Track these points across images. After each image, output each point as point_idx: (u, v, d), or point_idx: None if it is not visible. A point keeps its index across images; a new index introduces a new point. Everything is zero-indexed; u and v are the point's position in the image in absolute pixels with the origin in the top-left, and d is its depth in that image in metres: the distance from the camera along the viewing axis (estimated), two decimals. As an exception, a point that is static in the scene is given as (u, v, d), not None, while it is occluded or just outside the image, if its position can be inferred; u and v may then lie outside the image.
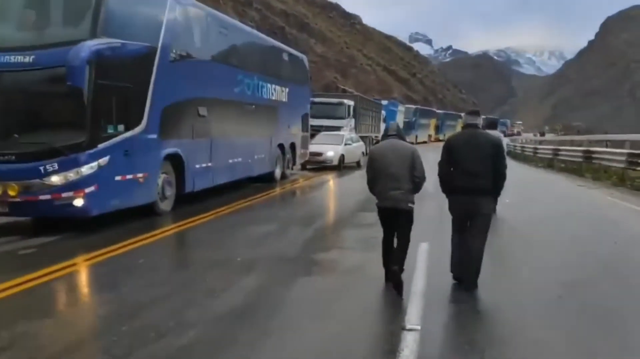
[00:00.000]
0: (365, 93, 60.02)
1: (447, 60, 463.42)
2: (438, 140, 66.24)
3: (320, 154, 21.67)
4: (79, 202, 8.26)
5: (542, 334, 4.52)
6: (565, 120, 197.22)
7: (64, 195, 8.17)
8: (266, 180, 16.26)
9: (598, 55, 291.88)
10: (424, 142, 58.26)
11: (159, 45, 9.81)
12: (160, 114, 9.87)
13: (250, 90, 14.39)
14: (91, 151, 8.27)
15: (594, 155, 20.59)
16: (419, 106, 63.21)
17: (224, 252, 7.50)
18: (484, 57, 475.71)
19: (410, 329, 4.37)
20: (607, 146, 24.94)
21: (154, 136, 9.76)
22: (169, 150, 10.30)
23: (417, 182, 5.58)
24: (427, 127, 61.75)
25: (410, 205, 5.59)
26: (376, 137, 41.35)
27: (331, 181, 18.79)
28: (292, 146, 18.47)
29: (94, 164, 8.32)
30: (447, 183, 5.74)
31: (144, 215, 9.72)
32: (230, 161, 13.22)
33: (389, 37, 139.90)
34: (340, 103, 29.11)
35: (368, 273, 6.17)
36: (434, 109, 71.12)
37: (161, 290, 5.66)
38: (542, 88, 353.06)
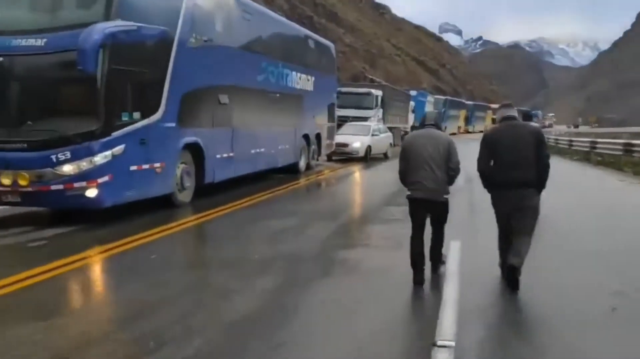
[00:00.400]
0: (394, 83, 59.01)
1: (478, 50, 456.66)
2: (467, 131, 65.07)
3: (346, 145, 21.12)
4: (92, 193, 7.90)
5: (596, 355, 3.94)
6: (599, 112, 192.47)
7: (76, 185, 7.81)
8: (290, 171, 15.82)
9: (634, 45, 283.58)
10: (453, 134, 57.12)
11: (178, 29, 9.38)
12: (179, 101, 9.45)
13: (275, 78, 13.91)
14: (105, 139, 7.89)
15: (634, 149, 19.59)
16: (448, 97, 61.95)
17: (241, 249, 7.05)
18: (515, 47, 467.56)
19: (442, 346, 3.82)
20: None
21: (172, 124, 9.35)
22: (188, 139, 9.89)
23: (452, 175, 5.37)
24: (456, 118, 60.58)
25: (445, 196, 5.39)
26: (405, 128, 40.66)
27: (357, 173, 18.25)
28: (318, 136, 17.97)
29: (108, 153, 7.94)
30: (489, 179, 5.45)
31: (162, 207, 9.35)
32: (253, 151, 12.77)
33: (418, 28, 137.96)
34: (368, 93, 28.43)
35: (395, 275, 5.64)
36: (464, 100, 69.75)
37: (170, 290, 5.23)
38: (575, 79, 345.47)
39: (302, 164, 16.58)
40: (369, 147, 21.57)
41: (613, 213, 10.31)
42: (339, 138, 21.39)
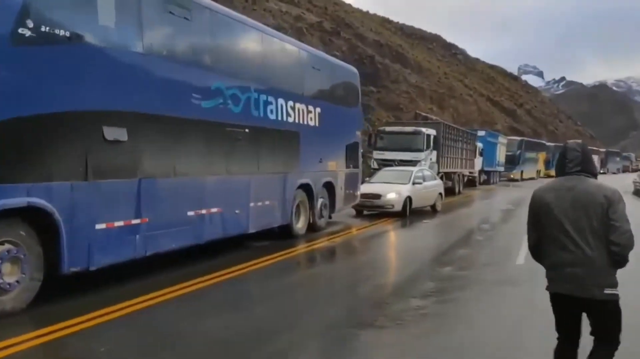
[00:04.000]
0: (465, 124, 53.86)
1: (560, 91, 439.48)
2: (549, 176, 58.38)
3: (377, 196, 16.48)
4: None
5: None
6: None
7: None
8: (281, 235, 11.49)
9: None
10: (531, 179, 50.93)
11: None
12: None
13: (240, 106, 9.70)
14: None
15: None
16: (524, 138, 55.73)
17: None
18: (601, 87, 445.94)
19: None
20: None
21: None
22: (17, 201, 5.76)
23: (616, 252, 3.37)
24: (535, 161, 54.19)
25: (608, 291, 3.40)
26: (472, 173, 35.36)
27: (391, 234, 13.71)
28: (329, 186, 13.52)
29: None
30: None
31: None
32: (192, 213, 8.49)
33: (493, 67, 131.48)
34: (417, 133, 23.71)
35: None
36: (544, 141, 62.97)
37: None
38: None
39: (299, 225, 12.14)
40: (409, 199, 16.79)
41: None
42: (368, 188, 16.84)
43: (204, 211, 8.72)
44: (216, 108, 9.00)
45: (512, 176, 47.37)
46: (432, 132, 24.36)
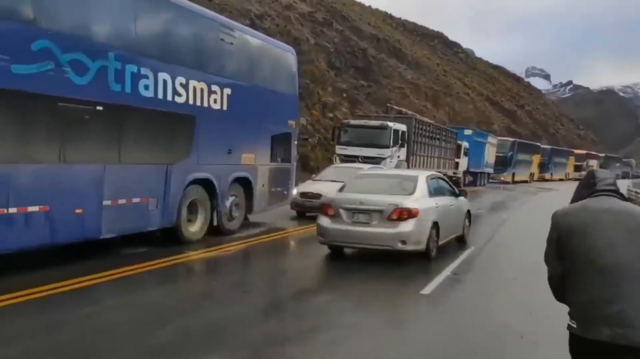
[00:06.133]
0: (459, 123, 51.59)
1: (566, 95, 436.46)
2: (544, 179, 56.15)
3: (318, 196, 14.31)
4: None
5: None
6: None
7: None
8: (168, 240, 9.44)
9: None
10: (525, 182, 48.73)
11: None
12: None
13: (89, 76, 7.56)
14: None
15: None
16: (517, 139, 53.48)
17: None
18: (608, 92, 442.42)
19: None
20: None
21: None
22: None
23: None
24: (527, 164, 51.92)
25: None
26: (455, 174, 33.27)
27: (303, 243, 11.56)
28: (244, 183, 11.42)
29: None
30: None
31: None
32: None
33: (496, 67, 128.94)
34: (383, 127, 21.45)
35: None
36: (538, 144, 60.61)
37: None
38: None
39: (193, 229, 10.05)
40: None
41: None
42: (309, 186, 14.74)
43: (13, 211, 6.61)
44: (41, 76, 6.87)
45: (502, 178, 45.19)
46: (401, 127, 22.13)
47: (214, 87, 10.18)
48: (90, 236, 7.90)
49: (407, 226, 8.62)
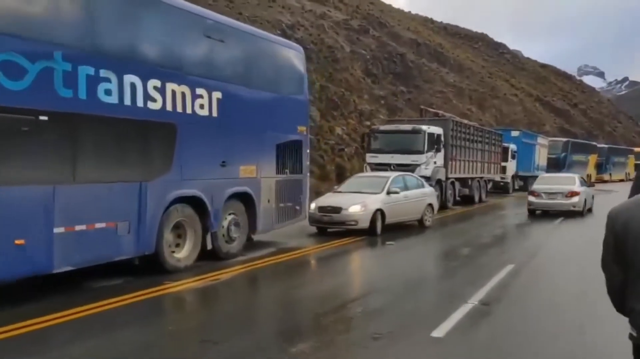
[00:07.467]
0: (508, 126, 48.97)
1: (622, 92, 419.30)
2: (602, 180, 52.52)
3: (337, 210, 12.82)
4: None
5: None
6: None
7: None
8: (148, 269, 8.14)
9: None
10: (580, 184, 45.56)
11: None
12: None
13: (27, 80, 6.34)
14: None
15: None
16: (570, 139, 50.35)
17: None
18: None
19: None
20: None
21: None
22: None
23: None
24: (583, 164, 48.64)
25: None
26: (503, 178, 31.05)
27: (352, 262, 10.23)
28: (245, 199, 10.05)
29: None
30: (622, 307, 2.62)
31: None
32: None
33: (545, 66, 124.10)
34: (416, 131, 19.67)
35: None
36: (594, 143, 57.05)
37: None
38: None
39: (180, 254, 8.71)
40: (380, 212, 13.06)
41: None
42: (328, 200, 13.27)
43: None
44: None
45: (555, 180, 42.35)
46: (436, 130, 20.31)
47: (200, 91, 8.87)
48: (39, 270, 6.65)
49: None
